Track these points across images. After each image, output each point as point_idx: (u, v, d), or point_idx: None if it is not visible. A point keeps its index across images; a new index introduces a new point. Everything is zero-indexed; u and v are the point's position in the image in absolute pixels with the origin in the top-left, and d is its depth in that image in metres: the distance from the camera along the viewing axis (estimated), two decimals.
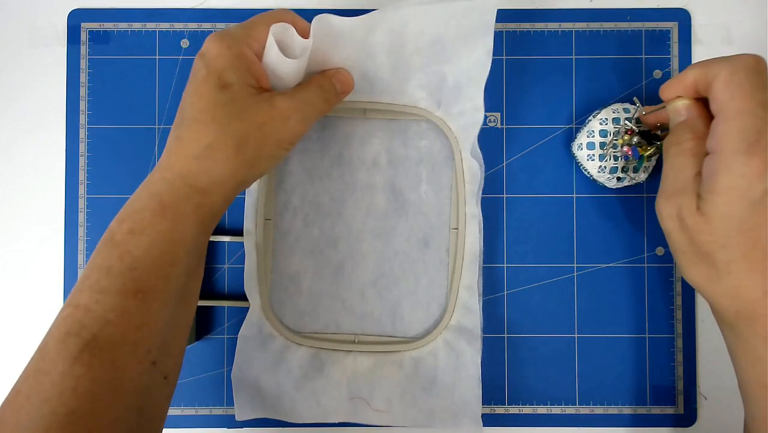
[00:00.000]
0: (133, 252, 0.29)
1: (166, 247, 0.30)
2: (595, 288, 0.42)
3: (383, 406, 0.39)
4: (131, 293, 0.28)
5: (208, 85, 0.31)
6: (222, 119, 0.30)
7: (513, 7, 0.43)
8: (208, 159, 0.30)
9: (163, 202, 0.30)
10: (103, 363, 0.27)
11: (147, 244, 0.29)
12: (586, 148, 0.40)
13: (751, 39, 0.43)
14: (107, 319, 0.28)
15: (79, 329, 0.27)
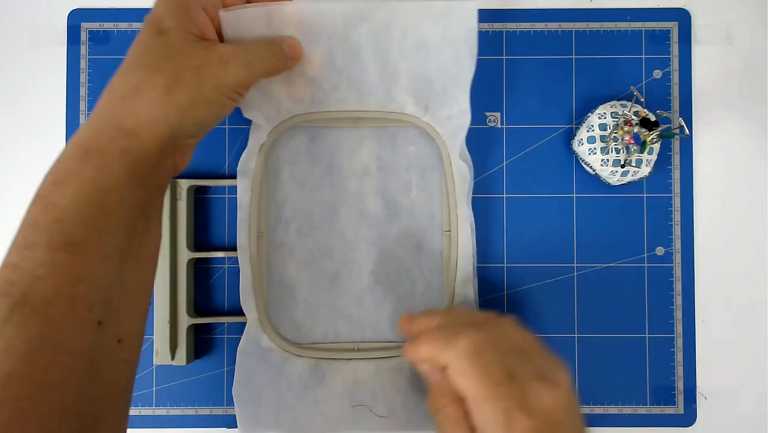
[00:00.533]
0: (58, 203, 0.27)
1: (93, 195, 0.28)
2: (595, 288, 0.42)
3: (386, 412, 0.39)
4: (59, 246, 0.27)
5: (144, 33, 0.31)
6: (152, 61, 0.30)
7: (513, 7, 0.43)
8: (134, 99, 0.29)
9: (86, 147, 0.28)
10: (37, 322, 0.26)
11: (71, 193, 0.27)
12: (587, 142, 0.40)
13: (751, 39, 0.43)
14: (36, 275, 0.26)
15: (8, 287, 0.26)
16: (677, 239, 0.42)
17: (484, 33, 0.43)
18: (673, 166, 0.43)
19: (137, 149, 0.29)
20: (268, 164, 0.42)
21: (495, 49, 0.43)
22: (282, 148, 0.42)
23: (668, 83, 0.43)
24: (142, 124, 0.29)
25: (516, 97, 0.43)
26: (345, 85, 0.39)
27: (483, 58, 0.42)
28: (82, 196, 0.27)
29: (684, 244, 0.42)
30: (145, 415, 0.41)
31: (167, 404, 0.42)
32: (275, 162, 0.42)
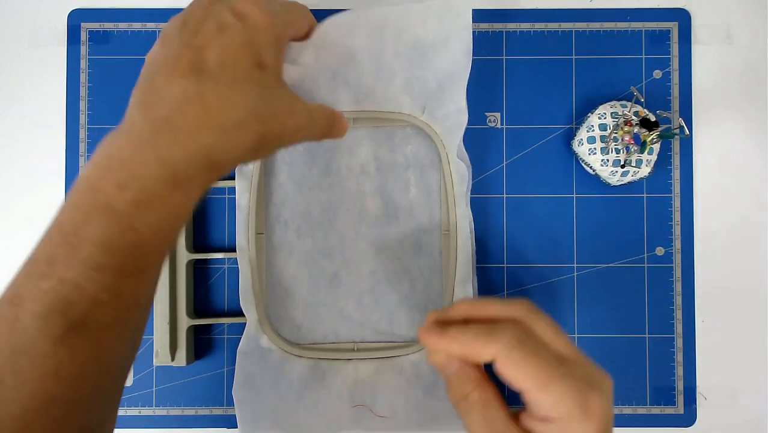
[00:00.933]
0: (139, 229, 0.25)
1: (173, 224, 0.26)
2: (595, 288, 0.42)
3: (386, 412, 0.39)
4: (129, 273, 0.25)
5: (246, 56, 0.27)
6: (254, 99, 0.27)
7: (513, 7, 0.43)
8: (233, 136, 0.26)
9: (176, 172, 0.25)
10: (91, 347, 0.25)
11: (154, 220, 0.25)
12: (587, 142, 0.40)
13: (751, 39, 0.43)
14: (99, 299, 0.24)
15: (65, 307, 0.24)
16: (677, 239, 0.42)
17: (484, 33, 0.43)
18: (673, 166, 0.43)
19: (212, 181, 0.28)
20: (267, 165, 0.42)
21: (495, 49, 0.43)
22: None
23: (668, 83, 0.43)
24: (228, 163, 0.27)
25: (516, 97, 0.43)
26: (341, 87, 0.39)
27: (483, 58, 0.42)
28: (164, 225, 0.26)
29: (684, 244, 0.42)
30: (145, 415, 0.42)
31: (167, 404, 0.42)
32: (273, 163, 0.42)
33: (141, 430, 0.42)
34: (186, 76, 0.26)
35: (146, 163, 0.25)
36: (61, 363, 0.24)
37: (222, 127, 0.26)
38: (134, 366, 0.42)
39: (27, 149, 0.43)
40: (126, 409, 0.41)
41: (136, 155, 0.25)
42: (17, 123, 0.43)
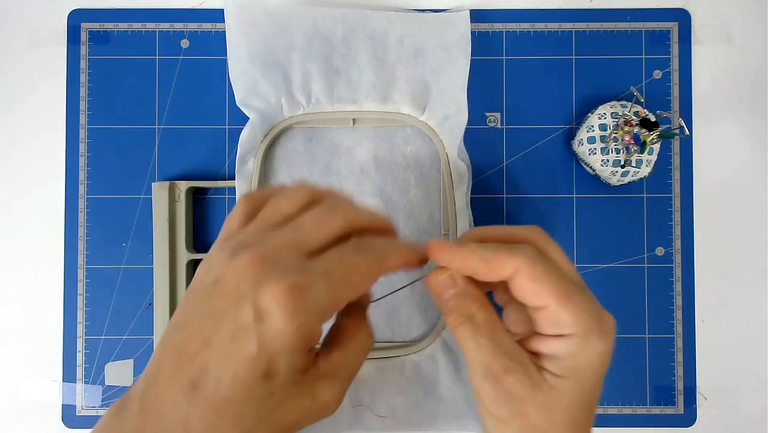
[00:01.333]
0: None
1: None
2: (595, 288, 0.42)
3: (386, 412, 0.39)
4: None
5: (251, 371, 0.24)
6: (249, 421, 0.24)
7: (513, 7, 0.43)
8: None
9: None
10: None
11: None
12: (587, 142, 0.40)
13: (751, 39, 0.43)
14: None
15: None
16: (677, 239, 0.42)
17: (485, 33, 0.43)
18: (673, 167, 0.43)
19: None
20: (266, 165, 0.42)
21: (495, 49, 0.43)
22: (279, 149, 0.42)
23: (668, 83, 0.43)
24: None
25: (516, 97, 0.43)
26: (342, 86, 0.40)
27: (483, 58, 0.42)
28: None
29: (684, 244, 0.42)
30: None
31: None
32: (273, 163, 0.42)
33: None
34: (183, 389, 0.24)
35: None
36: None
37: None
38: (134, 366, 0.42)
39: (27, 149, 0.43)
40: None
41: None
42: (17, 123, 0.43)
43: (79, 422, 0.41)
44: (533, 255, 0.27)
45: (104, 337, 0.42)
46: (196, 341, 0.24)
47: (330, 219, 0.27)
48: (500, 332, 0.28)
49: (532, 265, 0.27)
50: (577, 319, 0.26)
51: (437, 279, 0.29)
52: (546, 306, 0.27)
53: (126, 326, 0.42)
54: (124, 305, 0.42)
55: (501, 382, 0.27)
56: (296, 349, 0.24)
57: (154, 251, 0.40)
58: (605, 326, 0.27)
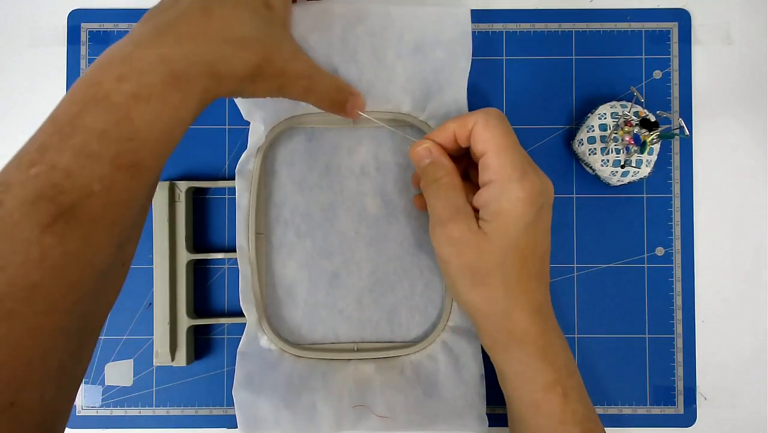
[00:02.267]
0: (135, 120, 0.25)
1: (170, 123, 0.26)
2: (595, 288, 0.42)
3: (386, 412, 0.39)
4: (124, 166, 0.24)
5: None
6: (258, 27, 0.29)
7: (513, 7, 0.43)
8: (236, 50, 0.28)
9: (176, 72, 0.26)
10: (77, 237, 0.24)
11: (151, 115, 0.25)
12: (587, 142, 0.40)
13: (751, 39, 0.43)
14: (91, 189, 0.24)
15: (55, 193, 0.23)
16: (677, 239, 0.42)
17: (484, 33, 0.43)
18: (673, 167, 0.43)
19: (212, 94, 0.28)
20: (266, 165, 0.42)
21: (495, 49, 0.43)
22: (280, 149, 0.42)
23: (668, 83, 0.43)
24: (228, 76, 0.28)
25: (516, 97, 0.43)
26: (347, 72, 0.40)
27: (483, 59, 0.42)
28: (160, 122, 0.26)
29: (684, 244, 0.42)
30: (145, 415, 0.42)
31: (167, 404, 0.42)
32: (273, 163, 0.42)
33: (141, 430, 0.42)
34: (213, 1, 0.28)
35: (147, 60, 0.25)
36: (45, 251, 0.23)
37: (224, 38, 0.28)
38: (134, 366, 0.42)
39: None
40: (126, 409, 0.42)
41: (137, 53, 0.26)
42: (17, 123, 0.43)
43: (79, 422, 0.41)
44: (493, 113, 0.33)
45: (104, 337, 0.42)
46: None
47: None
48: (456, 193, 0.34)
49: (488, 117, 0.33)
50: (502, 166, 0.32)
51: (417, 149, 0.35)
52: (485, 152, 0.32)
53: (126, 326, 0.42)
54: (124, 305, 0.42)
55: (445, 228, 0.33)
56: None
57: (154, 251, 0.40)
58: (526, 177, 0.31)
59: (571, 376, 0.33)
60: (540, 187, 0.32)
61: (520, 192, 0.31)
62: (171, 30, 0.27)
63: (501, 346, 0.34)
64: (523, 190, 0.31)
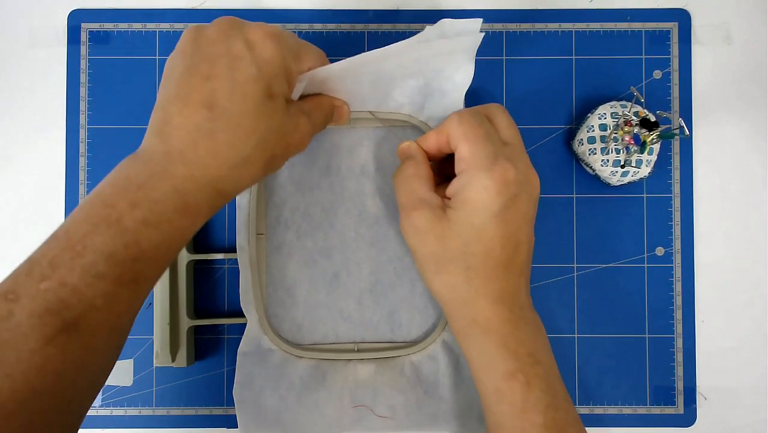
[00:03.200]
0: (142, 245, 0.27)
1: (174, 244, 0.29)
2: (595, 288, 0.42)
3: (387, 413, 0.39)
4: (126, 283, 0.27)
5: (255, 89, 0.29)
6: (263, 132, 0.30)
7: (513, 7, 0.43)
8: (241, 170, 0.30)
9: (187, 201, 0.28)
10: (78, 347, 0.26)
11: (158, 239, 0.28)
12: (587, 142, 0.40)
13: (751, 39, 0.43)
14: (94, 304, 0.26)
15: (61, 308, 0.25)
16: (677, 239, 0.42)
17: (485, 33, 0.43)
18: (673, 167, 0.43)
19: (219, 207, 0.31)
20: None
21: (495, 49, 0.43)
22: None
23: (668, 84, 0.43)
24: (236, 191, 0.31)
25: (516, 97, 0.43)
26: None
27: (483, 59, 0.42)
28: (166, 244, 0.28)
29: (684, 244, 0.42)
30: (145, 415, 0.42)
31: (167, 404, 0.42)
32: None
33: (141, 430, 0.42)
34: (199, 111, 0.28)
35: (160, 190, 0.28)
36: (47, 360, 0.25)
37: (231, 162, 0.29)
38: (134, 366, 0.42)
39: (27, 149, 0.43)
40: (126, 409, 0.42)
41: (151, 182, 0.28)
42: (17, 123, 0.43)
43: None
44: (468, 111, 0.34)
45: None
46: (197, 80, 0.28)
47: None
48: (420, 183, 0.35)
49: (461, 114, 0.34)
50: (472, 156, 0.32)
51: (402, 145, 0.37)
52: (457, 145, 0.33)
53: None
54: None
55: (409, 217, 0.34)
56: (284, 78, 0.31)
57: None
58: (496, 166, 0.32)
59: (536, 365, 0.32)
60: (512, 177, 0.32)
61: (488, 180, 0.32)
62: (182, 159, 0.28)
63: (465, 333, 0.34)
64: (490, 178, 0.32)
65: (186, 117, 0.28)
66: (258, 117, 0.29)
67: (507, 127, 0.35)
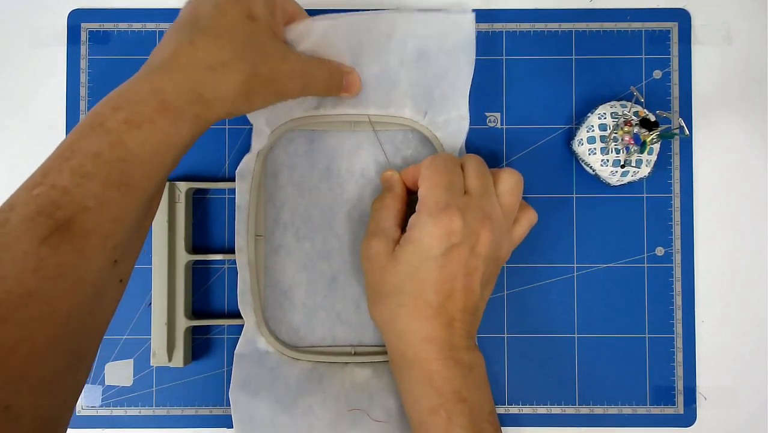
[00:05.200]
0: (127, 144, 0.28)
1: (160, 147, 0.29)
2: (595, 288, 0.42)
3: (383, 417, 0.39)
4: (115, 185, 0.27)
5: (235, 8, 0.31)
6: (240, 43, 0.31)
7: (513, 7, 0.43)
8: (220, 74, 0.30)
9: (166, 101, 0.29)
10: (71, 250, 0.26)
11: (142, 139, 0.28)
12: (587, 142, 0.40)
13: (751, 39, 0.43)
14: (85, 205, 0.26)
15: (53, 209, 0.26)
16: (677, 239, 0.42)
17: (484, 33, 0.43)
18: (673, 167, 0.43)
19: (204, 119, 0.31)
20: (267, 167, 0.42)
21: (495, 49, 0.43)
22: (280, 151, 0.42)
23: (668, 83, 0.43)
24: (217, 100, 0.31)
25: (516, 97, 0.43)
26: None
27: (483, 59, 0.42)
28: (151, 145, 0.28)
29: (684, 244, 0.42)
30: (145, 415, 0.42)
31: (167, 404, 0.42)
32: (274, 165, 0.42)
33: (141, 430, 0.42)
34: (182, 30, 0.31)
35: (139, 92, 0.29)
36: (41, 261, 0.25)
37: (208, 65, 0.30)
38: (134, 366, 0.42)
39: (27, 149, 0.43)
40: (126, 409, 0.42)
41: (132, 86, 0.29)
42: (17, 123, 0.43)
43: (79, 422, 0.41)
44: (442, 156, 0.36)
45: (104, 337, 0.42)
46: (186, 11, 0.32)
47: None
48: (387, 214, 0.37)
49: (434, 158, 0.36)
50: (426, 198, 0.34)
51: (386, 175, 0.39)
52: (420, 186, 0.35)
53: (126, 325, 0.42)
54: (123, 305, 0.41)
55: (367, 243, 0.36)
56: (266, 5, 0.33)
57: (153, 251, 0.40)
58: (445, 215, 0.33)
59: (460, 402, 0.33)
60: (457, 228, 0.33)
61: (431, 226, 0.33)
62: (163, 65, 0.30)
63: (396, 365, 0.36)
64: (434, 225, 0.33)
65: (171, 37, 0.31)
66: (236, 31, 0.31)
67: (474, 176, 0.36)
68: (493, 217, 0.35)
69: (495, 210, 0.35)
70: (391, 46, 0.39)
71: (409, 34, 0.39)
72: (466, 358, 0.34)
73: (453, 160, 0.36)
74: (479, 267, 0.34)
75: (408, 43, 0.39)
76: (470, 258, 0.34)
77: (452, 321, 0.34)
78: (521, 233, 0.38)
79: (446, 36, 0.39)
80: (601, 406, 0.42)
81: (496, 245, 0.35)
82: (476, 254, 0.34)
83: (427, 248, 0.33)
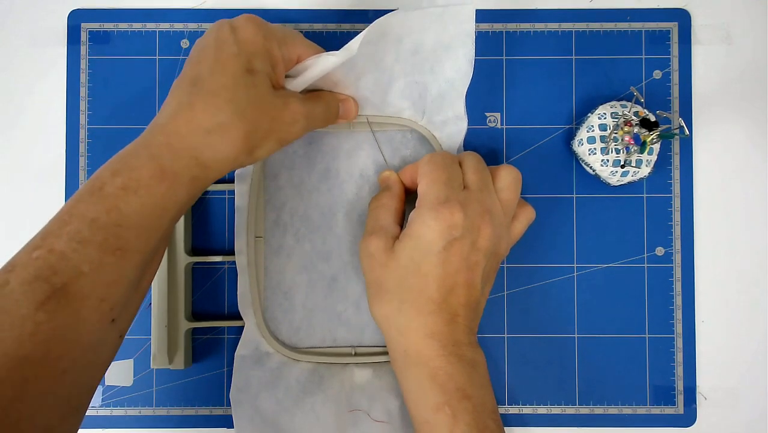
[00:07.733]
0: (123, 209, 0.28)
1: (156, 211, 0.29)
2: (595, 288, 0.42)
3: (383, 417, 0.39)
4: (111, 250, 0.28)
5: (235, 64, 0.31)
6: (240, 102, 0.31)
7: (513, 7, 0.43)
8: (217, 136, 0.30)
9: (163, 167, 0.29)
10: (68, 314, 0.27)
11: (138, 204, 0.29)
12: (587, 142, 0.40)
13: (751, 39, 0.43)
14: (81, 270, 0.27)
15: (50, 274, 0.27)
16: (677, 239, 0.42)
17: (484, 33, 0.43)
18: (673, 167, 0.43)
19: (202, 180, 0.31)
20: (266, 168, 0.42)
21: (495, 49, 0.43)
22: (279, 152, 0.42)
23: (668, 84, 0.43)
24: (215, 162, 0.31)
25: (516, 97, 0.43)
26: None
27: (483, 59, 0.42)
28: (146, 210, 0.29)
29: (684, 244, 0.42)
30: (145, 415, 0.42)
31: (167, 404, 0.42)
32: (273, 166, 0.42)
33: (141, 430, 0.42)
34: (183, 88, 0.31)
35: (139, 158, 0.30)
36: (37, 326, 0.26)
37: (206, 129, 0.30)
38: (134, 366, 0.42)
39: (27, 149, 0.43)
40: (126, 409, 0.42)
41: (132, 152, 0.30)
42: (17, 123, 0.43)
43: None
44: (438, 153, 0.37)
45: None
46: (188, 68, 0.32)
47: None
48: (386, 212, 0.37)
49: (433, 155, 0.36)
50: (426, 194, 0.34)
51: (383, 174, 0.40)
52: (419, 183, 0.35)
53: None
54: None
55: (366, 241, 0.36)
56: (266, 57, 0.32)
57: None
58: (446, 209, 0.33)
59: (464, 399, 0.33)
60: (458, 221, 0.33)
61: (432, 220, 0.33)
62: (162, 131, 0.30)
63: (398, 363, 0.36)
64: (435, 219, 0.33)
65: (174, 96, 0.31)
66: (236, 88, 0.31)
67: (473, 171, 0.36)
68: (493, 212, 0.35)
69: (495, 205, 0.35)
70: (385, 43, 0.37)
71: (406, 30, 0.37)
72: (469, 354, 0.34)
73: (451, 156, 0.37)
74: (480, 262, 0.34)
75: (403, 39, 0.37)
76: (471, 252, 0.34)
77: (455, 317, 0.34)
78: (520, 229, 0.38)
79: (444, 29, 0.37)
80: (601, 406, 0.42)
81: (496, 239, 0.35)
82: (477, 248, 0.34)
83: (428, 242, 0.33)
